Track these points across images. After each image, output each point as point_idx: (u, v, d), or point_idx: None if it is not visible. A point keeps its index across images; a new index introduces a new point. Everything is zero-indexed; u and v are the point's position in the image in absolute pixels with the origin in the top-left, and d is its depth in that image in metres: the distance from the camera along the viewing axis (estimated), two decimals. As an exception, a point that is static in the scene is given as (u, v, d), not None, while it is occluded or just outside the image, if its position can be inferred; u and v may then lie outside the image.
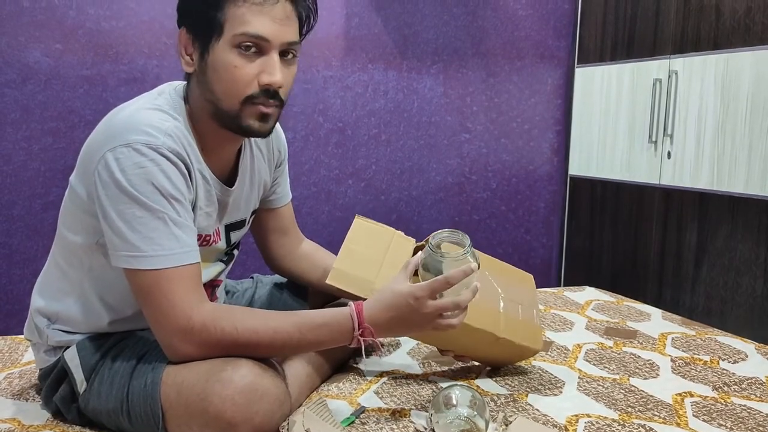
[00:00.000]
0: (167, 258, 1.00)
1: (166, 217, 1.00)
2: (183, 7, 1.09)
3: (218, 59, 1.04)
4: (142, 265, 0.99)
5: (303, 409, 1.08)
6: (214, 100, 1.07)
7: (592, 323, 1.80)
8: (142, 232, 0.99)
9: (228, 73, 1.04)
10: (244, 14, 1.02)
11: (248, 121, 1.07)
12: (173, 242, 1.01)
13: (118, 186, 0.99)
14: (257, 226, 1.41)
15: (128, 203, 0.99)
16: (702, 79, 2.39)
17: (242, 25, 1.02)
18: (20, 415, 1.17)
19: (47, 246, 1.21)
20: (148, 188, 0.99)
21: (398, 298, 1.05)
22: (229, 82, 1.04)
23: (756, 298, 2.22)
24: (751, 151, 2.23)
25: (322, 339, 1.07)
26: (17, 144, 2.32)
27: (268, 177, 1.33)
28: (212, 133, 1.12)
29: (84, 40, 2.35)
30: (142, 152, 0.99)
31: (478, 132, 2.97)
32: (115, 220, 1.00)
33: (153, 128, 1.02)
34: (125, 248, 1.00)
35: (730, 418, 1.22)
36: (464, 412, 1.07)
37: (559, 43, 3.05)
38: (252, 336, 1.02)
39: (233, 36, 1.03)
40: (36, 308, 1.18)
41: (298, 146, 2.69)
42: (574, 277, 3.06)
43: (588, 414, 1.23)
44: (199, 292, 1.04)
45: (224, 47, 1.04)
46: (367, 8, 2.72)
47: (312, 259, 1.45)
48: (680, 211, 2.50)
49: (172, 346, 1.03)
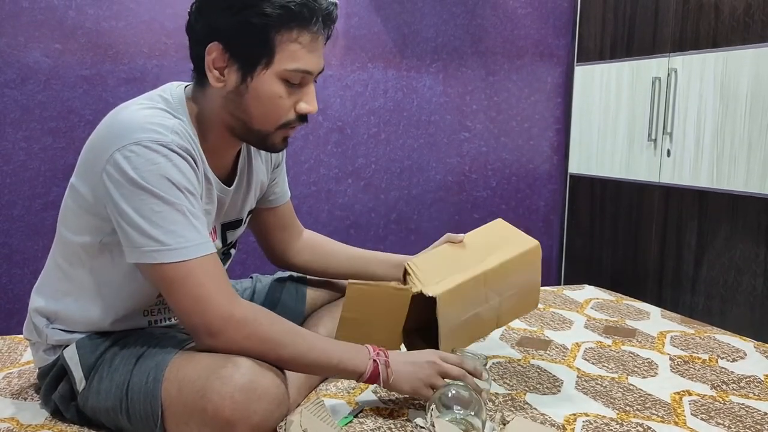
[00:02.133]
0: (193, 249, 1.01)
1: (184, 209, 1.01)
2: (220, 25, 1.05)
3: (263, 87, 1.07)
4: (169, 258, 1.00)
5: (300, 409, 1.08)
6: (246, 120, 1.10)
7: (591, 322, 1.80)
8: (164, 226, 1.00)
9: (272, 102, 1.08)
10: (297, 51, 1.06)
11: (276, 141, 1.13)
12: (195, 234, 1.02)
13: (133, 183, 0.99)
14: (258, 225, 1.42)
15: (145, 199, 0.99)
16: (701, 77, 2.39)
17: (294, 62, 1.06)
18: (19, 415, 1.18)
19: (47, 246, 1.21)
20: (164, 183, 1.00)
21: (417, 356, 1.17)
22: (270, 108, 1.09)
23: (756, 296, 2.22)
24: (750, 149, 2.22)
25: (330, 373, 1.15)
26: (17, 144, 2.32)
27: (266, 177, 1.34)
28: (218, 138, 1.14)
29: (83, 40, 2.36)
30: (154, 149, 1.00)
31: (478, 131, 2.97)
32: (133, 217, 1.00)
33: (160, 126, 1.03)
34: (148, 244, 1.00)
35: (729, 416, 1.22)
36: (461, 413, 1.07)
37: (559, 41, 3.04)
38: (283, 338, 1.06)
39: (284, 70, 1.06)
40: (35, 308, 1.18)
41: (297, 145, 2.69)
42: (574, 275, 3.06)
43: (586, 413, 1.23)
44: (227, 280, 1.06)
45: (271, 77, 1.07)
46: (366, 7, 2.72)
47: (312, 250, 1.47)
48: (680, 209, 2.50)
49: (211, 336, 1.03)
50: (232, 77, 1.08)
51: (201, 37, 1.08)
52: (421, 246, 1.45)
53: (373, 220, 2.84)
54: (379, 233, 2.84)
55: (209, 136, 1.13)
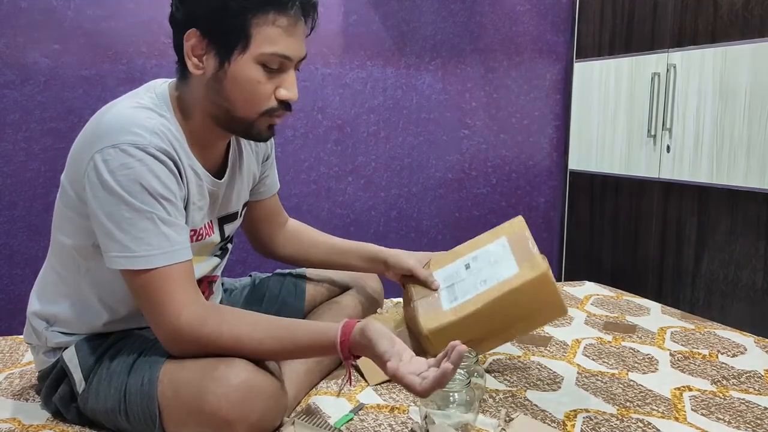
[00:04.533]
0: (158, 257, 1.00)
1: (154, 216, 1.01)
2: (198, 11, 1.05)
3: (241, 72, 1.06)
4: (134, 265, 1.00)
5: (293, 418, 1.08)
6: (228, 107, 1.09)
7: (591, 318, 1.80)
8: (132, 232, 1.00)
9: (251, 86, 1.07)
10: (275, 35, 1.05)
11: (260, 129, 1.12)
12: (163, 241, 1.01)
13: (106, 187, 1.00)
14: (245, 216, 1.42)
15: (117, 204, 0.99)
16: (700, 72, 2.38)
17: (272, 45, 1.05)
18: (20, 415, 1.18)
19: (48, 246, 1.22)
20: (136, 188, 1.00)
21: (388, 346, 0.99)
22: (249, 94, 1.07)
23: (756, 291, 2.22)
24: (750, 144, 2.22)
25: (307, 354, 1.08)
26: (17, 145, 2.32)
27: (257, 170, 1.35)
28: (205, 129, 1.13)
29: (83, 41, 2.36)
30: (129, 152, 1.00)
31: (478, 128, 2.97)
32: (105, 222, 1.00)
33: (139, 127, 1.02)
34: (117, 249, 1.01)
35: (729, 411, 1.23)
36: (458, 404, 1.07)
37: (558, 38, 3.04)
38: (236, 343, 1.03)
39: (261, 54, 1.05)
40: (33, 311, 1.19)
41: (297, 144, 2.69)
42: (574, 271, 3.07)
43: (586, 409, 1.23)
44: (190, 290, 1.04)
45: (248, 62, 1.05)
46: (365, 5, 2.72)
47: (295, 241, 1.48)
48: (680, 205, 2.50)
49: (165, 344, 1.05)
50: (210, 63, 1.07)
51: (180, 26, 1.07)
52: (421, 244, 1.46)
53: (374, 217, 2.84)
54: (380, 231, 2.84)
55: (195, 128, 1.12)
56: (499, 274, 1.24)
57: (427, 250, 2.35)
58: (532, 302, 1.23)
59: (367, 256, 1.44)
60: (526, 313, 1.24)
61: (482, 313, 1.21)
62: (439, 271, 1.34)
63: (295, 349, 1.04)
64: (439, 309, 1.24)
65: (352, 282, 1.54)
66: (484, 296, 1.21)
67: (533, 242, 1.27)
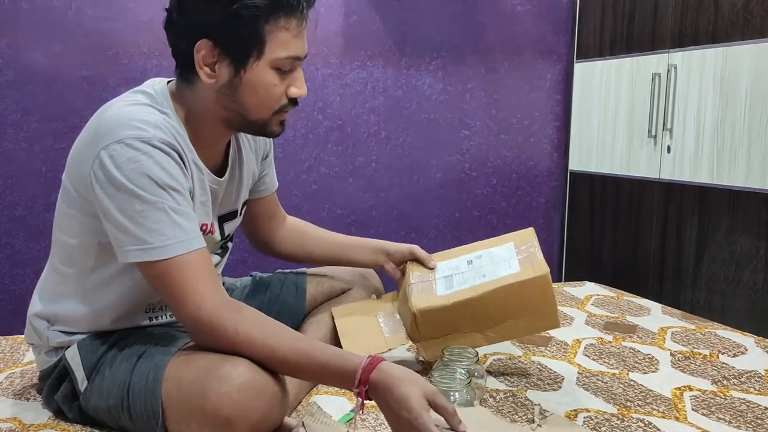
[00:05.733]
0: (174, 246, 1.01)
1: (166, 206, 1.01)
2: (209, 21, 1.05)
3: (258, 78, 1.08)
4: (152, 256, 1.00)
5: (301, 421, 1.08)
6: (242, 112, 1.11)
7: (591, 318, 1.80)
8: (146, 225, 1.00)
9: (266, 90, 1.10)
10: (286, 39, 1.07)
11: (273, 127, 1.15)
12: (177, 230, 1.02)
13: (114, 183, 1.00)
14: (244, 214, 1.42)
15: (127, 199, 1.00)
16: (701, 73, 2.39)
17: (285, 50, 1.08)
18: (21, 415, 1.18)
19: (49, 246, 1.22)
20: (145, 181, 1.00)
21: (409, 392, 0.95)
22: (265, 97, 1.10)
23: (757, 291, 2.22)
24: (750, 145, 2.22)
25: (319, 377, 1.06)
26: (18, 145, 2.33)
27: (256, 168, 1.35)
28: (208, 129, 1.14)
29: (83, 41, 2.36)
30: (135, 146, 1.00)
31: (478, 128, 2.97)
32: (117, 217, 1.01)
33: (142, 122, 1.03)
34: (132, 243, 1.01)
35: (729, 411, 1.23)
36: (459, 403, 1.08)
37: (558, 38, 3.04)
38: (249, 346, 1.02)
39: (276, 59, 1.08)
40: (35, 312, 1.19)
41: (297, 144, 2.69)
42: (574, 272, 3.07)
43: (587, 409, 1.23)
44: (209, 279, 1.04)
45: (264, 67, 1.08)
46: (365, 6, 2.72)
47: (296, 238, 1.49)
48: (680, 205, 2.50)
49: (189, 333, 1.06)
50: (224, 72, 1.08)
51: (186, 34, 1.08)
52: (422, 244, 1.46)
53: (374, 218, 2.85)
54: (380, 231, 2.84)
55: (199, 130, 1.13)
56: (500, 272, 1.28)
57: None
58: (526, 303, 1.26)
59: (369, 248, 1.47)
60: (518, 313, 1.28)
61: (474, 303, 1.25)
62: (441, 262, 1.39)
63: (308, 365, 1.02)
64: (433, 293, 1.30)
65: (352, 281, 1.54)
66: (480, 288, 1.26)
67: (540, 251, 1.31)
